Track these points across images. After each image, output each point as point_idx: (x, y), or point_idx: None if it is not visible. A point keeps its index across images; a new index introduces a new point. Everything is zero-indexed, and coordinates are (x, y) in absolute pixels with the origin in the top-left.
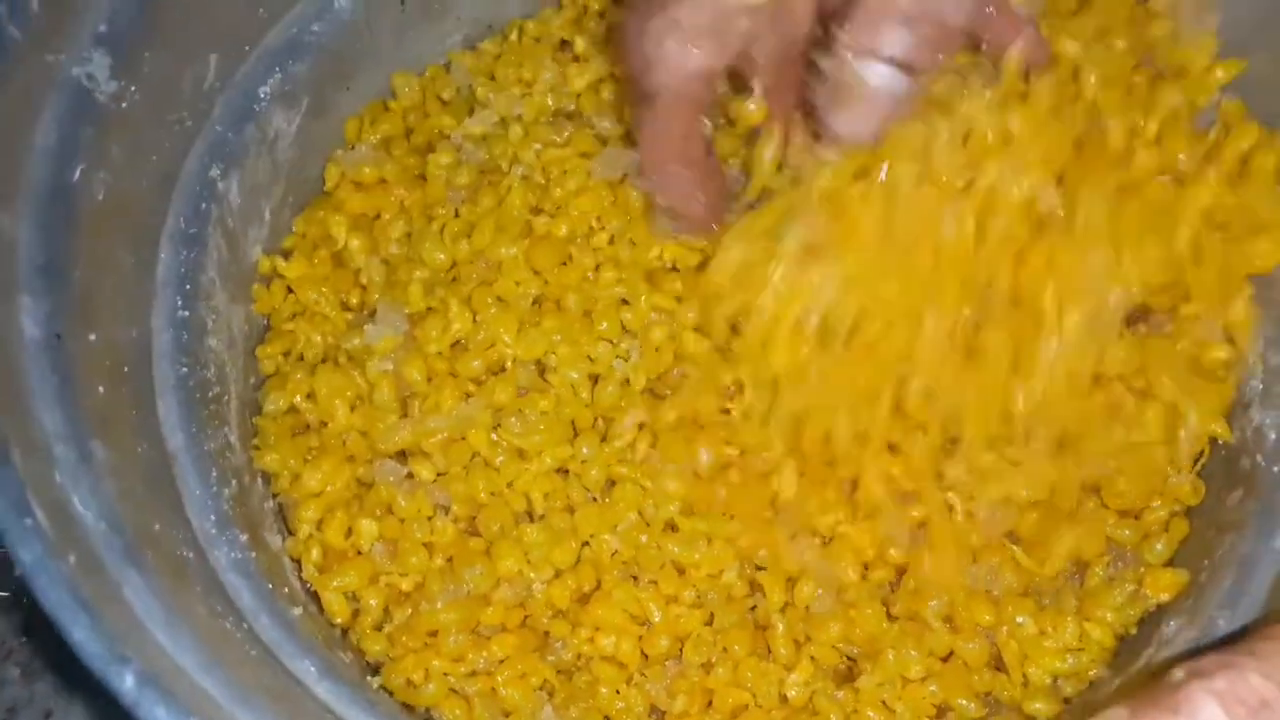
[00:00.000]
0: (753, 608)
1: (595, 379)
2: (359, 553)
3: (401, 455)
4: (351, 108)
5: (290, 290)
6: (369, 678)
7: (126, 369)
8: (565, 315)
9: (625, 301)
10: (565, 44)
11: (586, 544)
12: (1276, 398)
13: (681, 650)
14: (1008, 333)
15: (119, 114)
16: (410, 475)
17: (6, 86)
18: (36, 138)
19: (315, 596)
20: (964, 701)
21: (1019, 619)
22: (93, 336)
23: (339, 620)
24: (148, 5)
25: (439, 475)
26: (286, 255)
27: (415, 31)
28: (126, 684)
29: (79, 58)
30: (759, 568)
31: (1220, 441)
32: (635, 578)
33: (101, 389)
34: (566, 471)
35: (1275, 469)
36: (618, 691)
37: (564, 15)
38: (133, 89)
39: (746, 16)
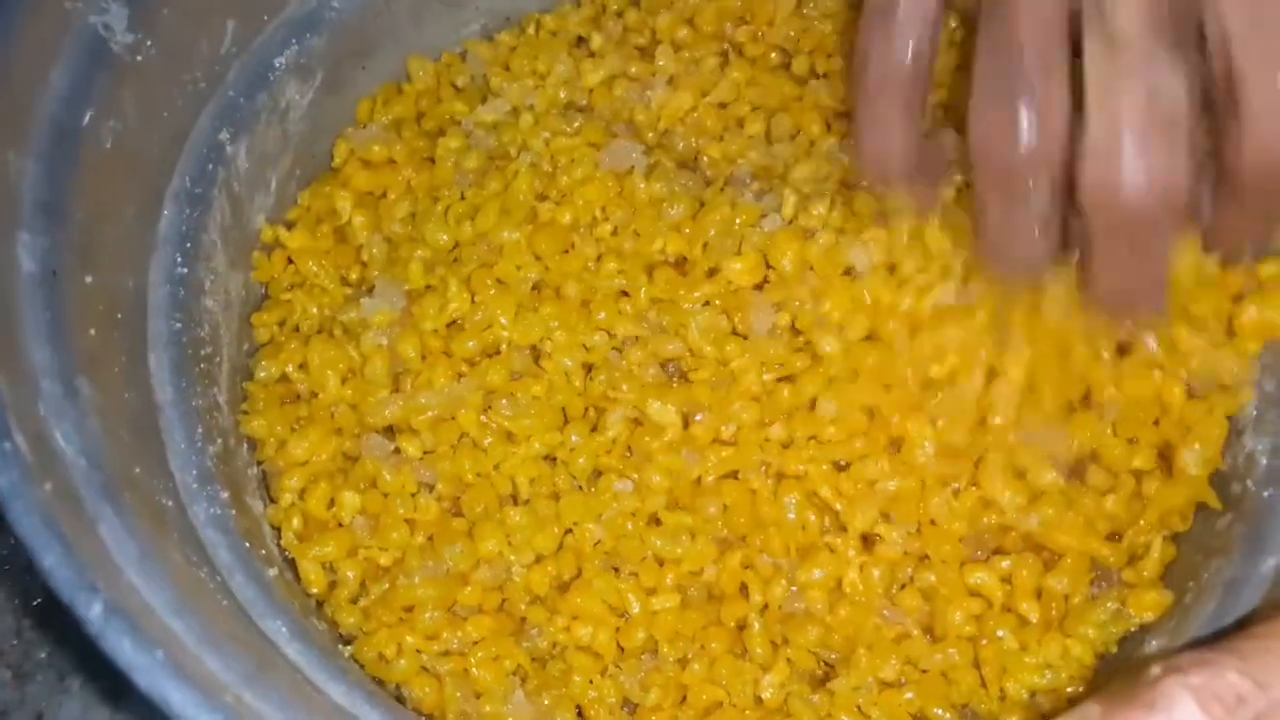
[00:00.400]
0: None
1: (589, 368)
2: (340, 524)
3: (389, 431)
4: (365, 87)
5: (290, 261)
6: (341, 647)
7: (120, 316)
8: (564, 303)
9: (625, 293)
10: (581, 40)
11: (569, 531)
12: (1269, 424)
13: (658, 644)
14: None
15: (133, 66)
16: (397, 451)
17: (24, 28)
18: (50, 80)
19: (292, 564)
20: (940, 711)
21: (999, 632)
22: (89, 279)
23: (315, 590)
24: None
25: (426, 453)
26: (290, 226)
27: (434, 17)
28: (94, 612)
29: (97, 6)
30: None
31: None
32: (616, 569)
33: (93, 331)
34: (554, 459)
35: (1265, 494)
36: (591, 681)
37: (582, 12)
38: (149, 43)
39: None
